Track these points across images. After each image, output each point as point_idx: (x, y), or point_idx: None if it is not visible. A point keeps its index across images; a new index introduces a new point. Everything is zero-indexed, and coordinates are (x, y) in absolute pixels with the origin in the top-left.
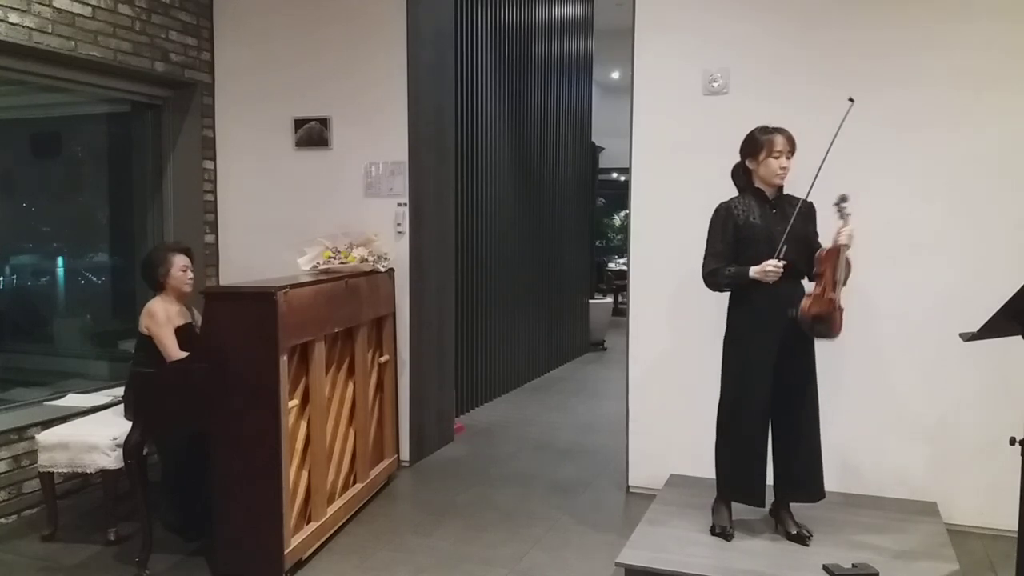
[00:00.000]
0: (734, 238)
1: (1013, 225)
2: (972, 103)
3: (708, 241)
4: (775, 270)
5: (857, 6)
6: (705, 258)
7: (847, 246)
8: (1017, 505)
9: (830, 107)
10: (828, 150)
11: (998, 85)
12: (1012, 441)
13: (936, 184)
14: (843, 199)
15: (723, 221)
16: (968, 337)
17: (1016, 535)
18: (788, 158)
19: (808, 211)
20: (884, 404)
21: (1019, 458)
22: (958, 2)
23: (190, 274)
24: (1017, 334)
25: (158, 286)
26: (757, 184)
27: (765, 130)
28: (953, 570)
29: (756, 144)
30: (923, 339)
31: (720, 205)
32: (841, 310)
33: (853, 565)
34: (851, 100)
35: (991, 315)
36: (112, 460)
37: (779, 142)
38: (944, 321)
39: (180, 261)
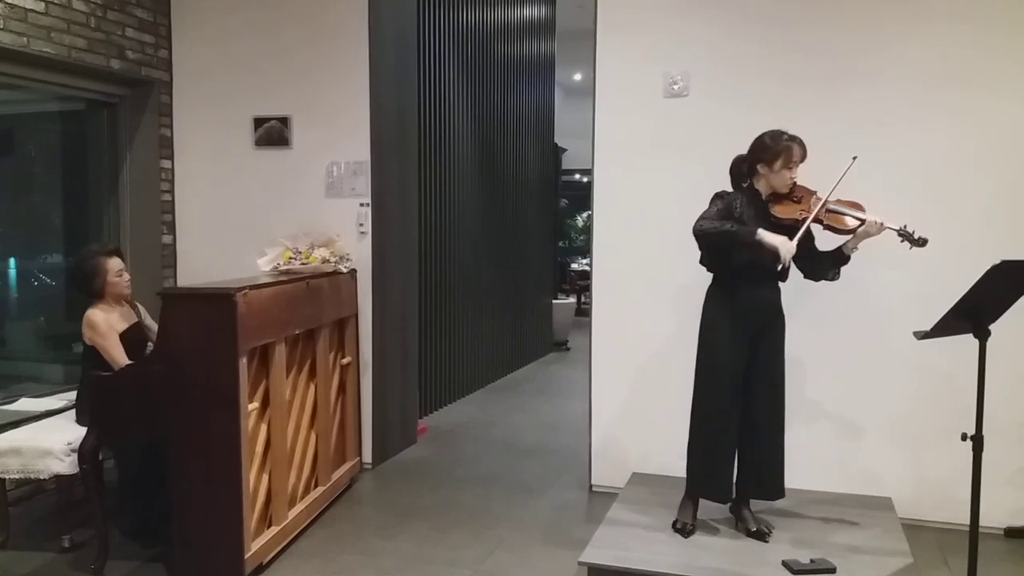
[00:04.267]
0: (727, 221)
1: (978, 224)
2: (935, 102)
3: (706, 210)
4: (789, 252)
5: (816, 8)
6: (699, 218)
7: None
8: (969, 499)
9: (790, 108)
10: (828, 196)
11: (959, 84)
12: (964, 437)
13: (900, 182)
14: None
15: (721, 201)
16: (922, 335)
17: (968, 528)
18: (798, 168)
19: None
20: (840, 402)
21: (970, 453)
22: (916, 5)
23: (126, 276)
24: (968, 332)
25: (97, 295)
26: (757, 185)
27: (782, 137)
28: (907, 563)
29: (772, 152)
30: (880, 337)
31: (719, 191)
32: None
33: (811, 560)
34: (854, 158)
35: (943, 315)
36: (66, 465)
37: (796, 153)
38: (903, 318)
39: (114, 266)
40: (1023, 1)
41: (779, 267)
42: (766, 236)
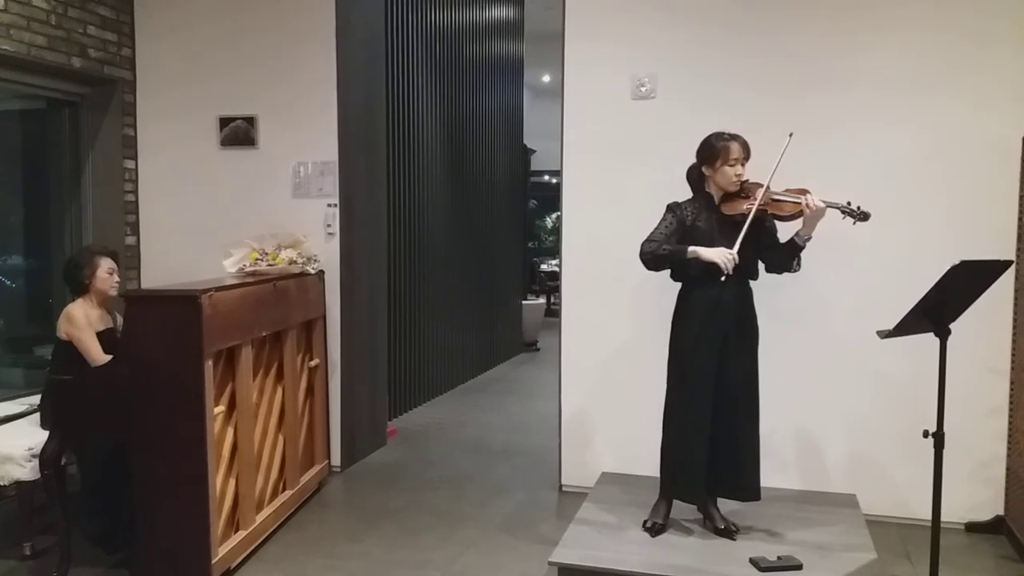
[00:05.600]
0: (678, 233)
1: (938, 225)
2: (896, 106)
3: (655, 228)
4: (729, 260)
5: (780, 12)
6: (643, 242)
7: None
8: (931, 495)
9: (756, 111)
10: (771, 176)
11: (919, 89)
12: (925, 434)
13: (863, 184)
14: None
15: (672, 214)
16: (885, 334)
17: (930, 524)
18: (743, 165)
19: (761, 217)
20: (804, 400)
21: (932, 450)
22: (876, 12)
23: (116, 277)
24: (929, 331)
25: (82, 288)
26: (709, 189)
27: (721, 137)
28: (871, 559)
29: (712, 151)
30: (845, 336)
31: (671, 203)
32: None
33: (778, 557)
34: (791, 135)
35: (905, 314)
36: (27, 471)
37: (735, 150)
38: (866, 318)
39: (107, 264)
40: (976, 11)
41: (722, 277)
42: (701, 252)
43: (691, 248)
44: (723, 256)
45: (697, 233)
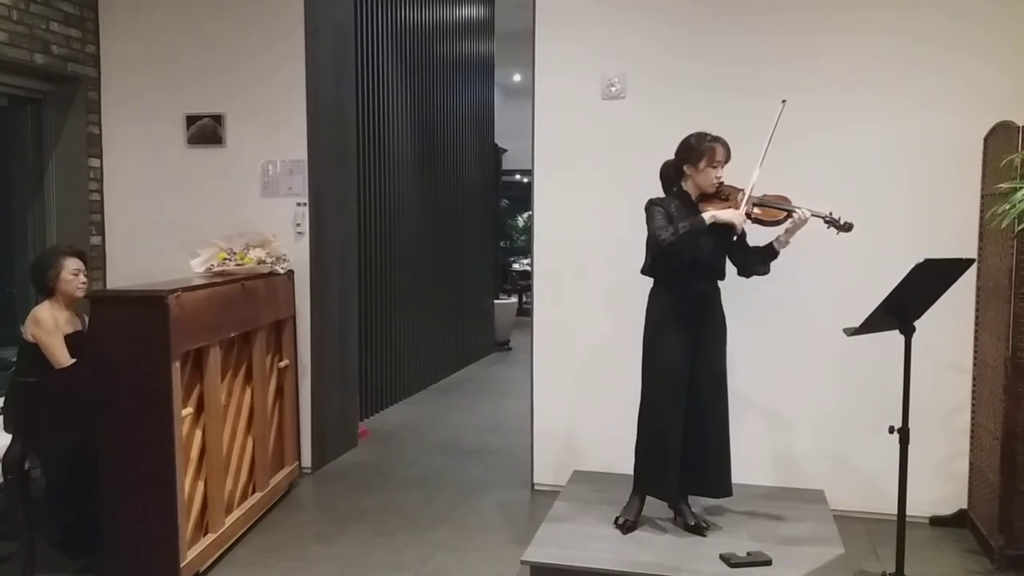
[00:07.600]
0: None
1: (902, 223)
2: (858, 107)
3: (652, 221)
4: (741, 220)
5: (747, 15)
6: (656, 231)
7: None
8: (896, 490)
9: (723, 111)
10: (764, 153)
11: (883, 89)
12: (891, 430)
13: (827, 184)
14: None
15: (659, 208)
16: (851, 332)
17: (895, 518)
18: (723, 168)
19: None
20: (772, 398)
21: (897, 446)
22: (837, 14)
23: (83, 278)
24: (894, 329)
25: (47, 290)
26: (686, 187)
27: (706, 138)
28: (839, 554)
29: (697, 152)
30: (808, 333)
31: (653, 199)
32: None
33: (748, 553)
34: (784, 101)
35: (870, 312)
36: None
37: (720, 152)
38: (832, 317)
39: (72, 265)
40: (940, 14)
41: (735, 236)
42: (719, 214)
43: (707, 215)
44: (738, 216)
45: None
